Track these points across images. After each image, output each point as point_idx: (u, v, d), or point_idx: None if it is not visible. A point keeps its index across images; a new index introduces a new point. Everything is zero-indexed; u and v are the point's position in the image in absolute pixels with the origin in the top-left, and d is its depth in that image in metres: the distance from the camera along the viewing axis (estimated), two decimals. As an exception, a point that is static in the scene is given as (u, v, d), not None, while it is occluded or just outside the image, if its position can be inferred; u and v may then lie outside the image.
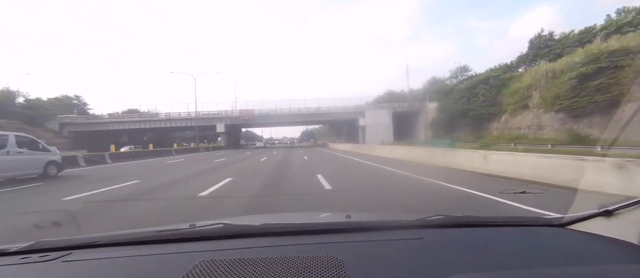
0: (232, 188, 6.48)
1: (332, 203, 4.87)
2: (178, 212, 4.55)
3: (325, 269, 0.79)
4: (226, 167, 11.98)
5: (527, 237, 1.10)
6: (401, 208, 4.51)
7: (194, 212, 4.49)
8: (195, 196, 5.61)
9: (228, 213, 4.24)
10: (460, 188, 5.76)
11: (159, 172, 10.90)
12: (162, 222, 3.71)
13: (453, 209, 4.28)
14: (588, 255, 0.92)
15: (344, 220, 1.32)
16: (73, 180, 8.95)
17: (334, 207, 4.60)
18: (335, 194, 5.59)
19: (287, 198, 5.51)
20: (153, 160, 18.43)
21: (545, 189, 5.01)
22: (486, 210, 4.17)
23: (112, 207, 4.97)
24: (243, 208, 4.63)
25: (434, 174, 7.84)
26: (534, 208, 3.88)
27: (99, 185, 7.40)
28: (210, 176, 8.76)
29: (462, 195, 5.19)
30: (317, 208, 4.61)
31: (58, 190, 6.82)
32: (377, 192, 5.96)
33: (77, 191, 6.39)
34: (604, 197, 3.81)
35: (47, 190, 6.91)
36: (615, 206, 1.02)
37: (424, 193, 5.61)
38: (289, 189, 6.50)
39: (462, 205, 4.57)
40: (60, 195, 6.02)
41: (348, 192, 5.97)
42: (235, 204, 5.04)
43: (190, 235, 1.11)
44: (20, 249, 1.03)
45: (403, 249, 0.99)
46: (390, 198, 5.36)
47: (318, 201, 5.05)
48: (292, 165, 12.33)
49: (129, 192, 6.28)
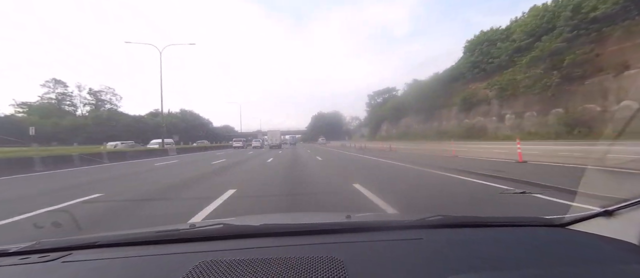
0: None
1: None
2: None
3: (325, 269, 0.79)
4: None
5: (527, 237, 1.10)
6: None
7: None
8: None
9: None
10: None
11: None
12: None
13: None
14: (588, 255, 0.92)
15: (343, 221, 1.32)
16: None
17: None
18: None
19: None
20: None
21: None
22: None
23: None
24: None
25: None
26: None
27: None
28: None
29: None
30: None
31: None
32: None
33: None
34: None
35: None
36: (616, 206, 1.02)
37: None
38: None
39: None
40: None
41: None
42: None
43: (190, 236, 1.11)
44: (20, 250, 1.03)
45: (403, 249, 0.99)
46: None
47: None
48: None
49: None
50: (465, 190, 5.77)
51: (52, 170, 11.02)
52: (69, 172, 10.41)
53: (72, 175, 9.48)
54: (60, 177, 9.03)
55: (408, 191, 5.90)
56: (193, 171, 10.48)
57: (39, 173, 10.21)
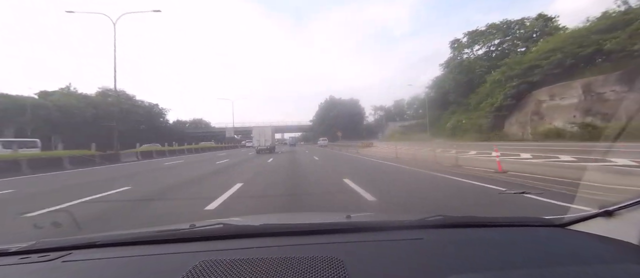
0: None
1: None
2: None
3: (325, 269, 0.79)
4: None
5: (527, 238, 1.10)
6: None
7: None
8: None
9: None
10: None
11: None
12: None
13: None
14: (588, 255, 0.92)
15: (344, 221, 1.32)
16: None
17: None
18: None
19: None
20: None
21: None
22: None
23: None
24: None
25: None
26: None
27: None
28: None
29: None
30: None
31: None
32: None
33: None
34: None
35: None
36: (615, 206, 1.02)
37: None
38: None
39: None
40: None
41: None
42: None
43: (190, 235, 1.11)
44: (20, 249, 1.03)
45: (403, 249, 0.99)
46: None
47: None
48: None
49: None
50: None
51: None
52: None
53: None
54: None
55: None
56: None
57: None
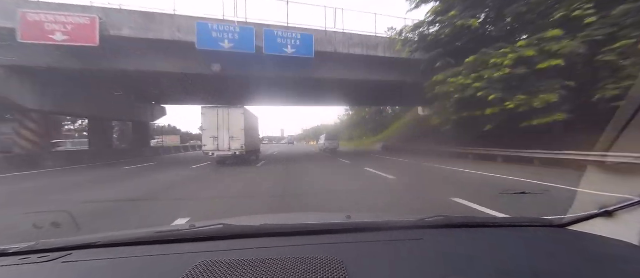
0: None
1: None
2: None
3: (325, 270, 0.79)
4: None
5: (527, 238, 1.10)
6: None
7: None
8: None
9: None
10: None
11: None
12: None
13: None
14: (588, 255, 0.92)
15: (343, 221, 1.32)
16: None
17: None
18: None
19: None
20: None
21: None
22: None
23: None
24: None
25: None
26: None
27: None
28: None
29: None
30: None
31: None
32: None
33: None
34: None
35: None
36: (615, 206, 1.02)
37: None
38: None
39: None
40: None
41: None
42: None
43: (189, 236, 1.11)
44: (19, 250, 1.02)
45: (403, 250, 0.99)
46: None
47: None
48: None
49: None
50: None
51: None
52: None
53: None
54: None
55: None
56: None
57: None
